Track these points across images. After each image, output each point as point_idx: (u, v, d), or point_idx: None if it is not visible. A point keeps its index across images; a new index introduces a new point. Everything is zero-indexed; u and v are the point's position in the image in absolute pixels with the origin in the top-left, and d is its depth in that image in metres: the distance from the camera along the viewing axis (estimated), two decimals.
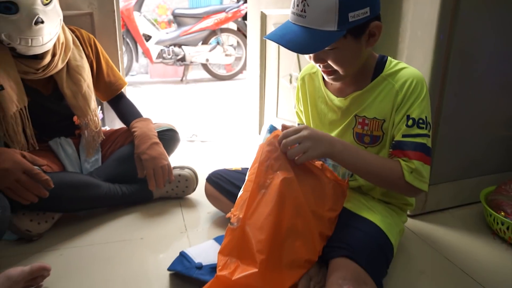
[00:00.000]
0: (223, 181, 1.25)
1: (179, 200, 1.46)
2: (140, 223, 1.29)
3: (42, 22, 1.13)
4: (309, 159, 0.95)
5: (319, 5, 0.86)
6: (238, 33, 4.43)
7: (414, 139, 0.94)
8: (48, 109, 1.32)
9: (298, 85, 1.18)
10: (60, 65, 1.28)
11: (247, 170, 1.00)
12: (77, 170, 1.39)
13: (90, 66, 1.40)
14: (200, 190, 1.38)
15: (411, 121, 0.95)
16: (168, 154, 1.41)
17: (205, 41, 4.27)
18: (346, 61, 0.95)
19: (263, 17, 1.94)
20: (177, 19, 4.29)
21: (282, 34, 0.92)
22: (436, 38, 1.16)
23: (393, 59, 1.02)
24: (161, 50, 4.18)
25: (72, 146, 1.40)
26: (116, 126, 1.70)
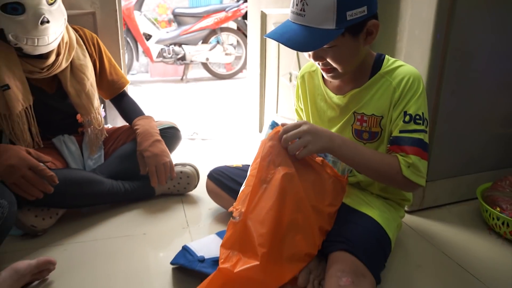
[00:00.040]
0: (224, 178, 1.27)
1: (181, 197, 1.47)
2: (143, 219, 1.31)
3: (48, 22, 1.14)
4: (310, 154, 0.97)
5: (318, 4, 0.88)
6: (238, 32, 4.44)
7: (411, 135, 0.96)
8: (52, 108, 1.34)
9: (298, 83, 1.19)
10: (64, 64, 1.29)
11: (248, 167, 1.02)
12: (80, 167, 1.40)
13: (93, 65, 1.42)
14: (202, 187, 1.40)
15: (408, 117, 0.96)
16: (170, 151, 1.42)
17: (205, 40, 4.28)
18: (345, 59, 0.96)
19: (263, 17, 1.95)
20: (177, 18, 4.30)
21: (282, 33, 0.94)
22: (433, 37, 1.18)
23: (391, 57, 1.04)
24: (162, 49, 4.19)
25: (75, 144, 1.42)
26: (118, 124, 1.71)
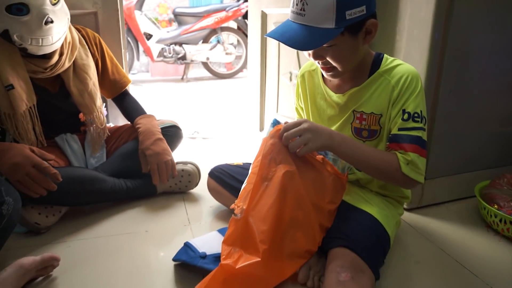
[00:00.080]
0: (225, 176, 1.28)
1: (182, 195, 1.48)
2: (145, 217, 1.32)
3: (52, 22, 1.16)
4: (310, 151, 0.98)
5: (318, 4, 0.89)
6: (238, 32, 4.44)
7: (410, 132, 0.97)
8: (55, 107, 1.35)
9: (298, 82, 1.21)
10: (67, 64, 1.31)
11: (248, 165, 1.03)
12: (83, 166, 1.42)
13: (96, 65, 1.43)
14: (203, 185, 1.41)
15: (407, 115, 0.98)
16: (172, 150, 1.44)
17: (206, 40, 4.29)
18: (344, 58, 0.98)
19: (264, 16, 1.97)
20: (178, 18, 4.31)
21: (283, 32, 0.95)
22: (432, 37, 1.20)
23: (389, 56, 1.05)
24: (162, 49, 4.20)
25: (78, 142, 1.43)
26: (120, 123, 1.73)
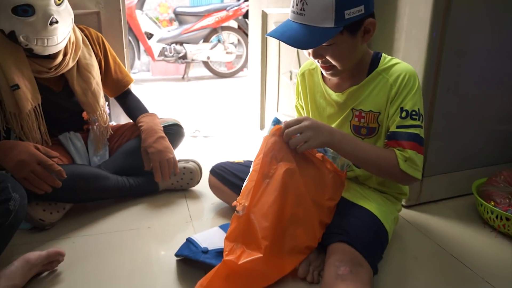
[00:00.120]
0: (226, 173, 1.30)
1: (184, 192, 1.50)
2: (147, 214, 1.34)
3: (57, 22, 1.18)
4: (310, 148, 1.00)
5: (317, 4, 0.91)
6: (239, 31, 4.46)
7: (408, 130, 0.99)
8: (59, 106, 1.37)
9: (298, 81, 1.23)
10: (71, 64, 1.32)
11: (249, 163, 1.05)
12: (86, 164, 1.43)
13: (99, 64, 1.45)
14: (204, 182, 1.43)
15: (405, 113, 1.00)
16: (173, 148, 1.46)
17: (206, 39, 4.30)
18: (343, 56, 1.00)
19: (264, 16, 1.98)
20: (179, 17, 4.32)
21: (283, 32, 0.97)
22: (430, 36, 1.21)
23: (387, 55, 1.07)
24: (163, 48, 4.21)
25: (81, 140, 1.45)
26: (122, 121, 1.74)
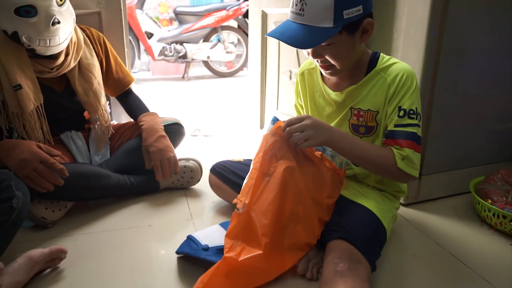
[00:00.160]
0: (227, 172, 1.31)
1: (185, 190, 1.51)
2: (148, 212, 1.35)
3: (59, 23, 1.19)
4: (310, 146, 1.01)
5: (316, 4, 0.92)
6: (239, 31, 4.46)
7: (405, 129, 1.00)
8: (61, 105, 1.38)
9: (298, 80, 1.24)
10: (73, 64, 1.34)
11: (249, 161, 1.06)
12: (87, 162, 1.44)
13: (100, 64, 1.46)
14: (204, 181, 1.44)
15: (403, 112, 1.01)
16: (174, 147, 1.47)
17: (206, 39, 4.31)
18: (342, 56, 1.01)
19: (264, 16, 2.00)
20: (179, 17, 4.33)
21: (283, 32, 0.98)
22: (427, 36, 1.23)
23: (385, 55, 1.08)
24: (163, 48, 4.22)
25: (82, 140, 1.46)
26: (123, 120, 1.76)
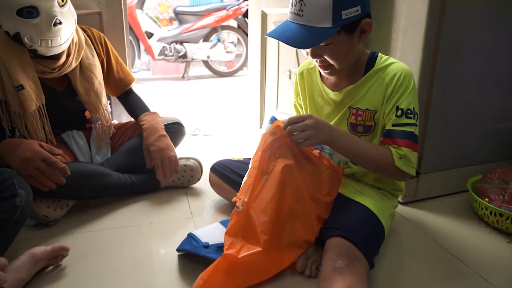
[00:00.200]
0: (226, 170, 1.32)
1: (185, 189, 1.53)
2: (149, 210, 1.37)
3: (60, 23, 1.20)
4: (310, 145, 1.03)
5: (315, 5, 0.94)
6: (239, 30, 4.47)
7: (403, 128, 1.02)
8: (62, 105, 1.39)
9: (297, 80, 1.25)
10: (74, 64, 1.35)
11: (249, 160, 1.07)
12: (89, 161, 1.45)
13: (101, 64, 1.47)
14: (205, 180, 1.46)
15: (400, 112, 1.02)
16: (174, 146, 1.48)
17: (206, 38, 4.32)
18: (341, 56, 1.02)
19: (264, 16, 2.01)
20: (179, 17, 4.34)
21: (282, 32, 1.00)
22: (425, 36, 1.24)
23: (383, 55, 1.09)
24: (163, 47, 4.23)
25: (84, 139, 1.47)
26: (123, 120, 1.77)
